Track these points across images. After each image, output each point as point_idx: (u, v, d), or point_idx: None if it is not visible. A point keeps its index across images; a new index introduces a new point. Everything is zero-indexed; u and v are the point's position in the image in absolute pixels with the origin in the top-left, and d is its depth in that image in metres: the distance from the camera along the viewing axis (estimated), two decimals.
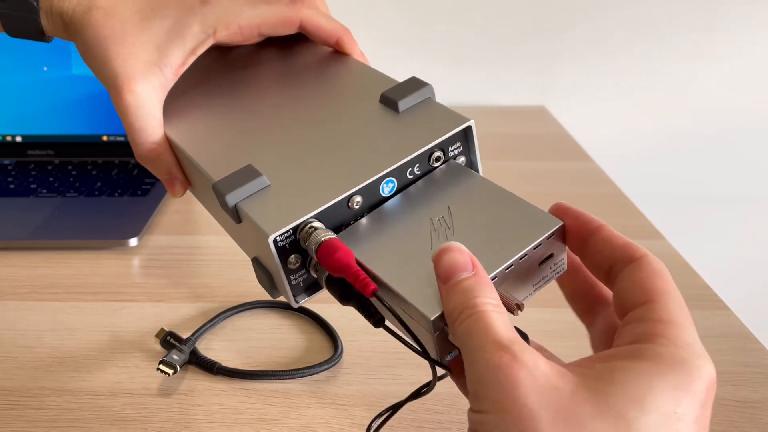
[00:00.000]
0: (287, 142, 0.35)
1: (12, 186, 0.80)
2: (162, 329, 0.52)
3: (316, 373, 0.49)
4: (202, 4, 0.38)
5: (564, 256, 0.31)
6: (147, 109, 0.37)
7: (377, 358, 0.51)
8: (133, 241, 0.67)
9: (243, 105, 0.40)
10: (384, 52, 1.09)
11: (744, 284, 1.22)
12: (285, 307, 0.57)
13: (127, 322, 0.56)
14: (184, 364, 0.50)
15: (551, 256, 0.30)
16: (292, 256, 0.31)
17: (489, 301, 0.25)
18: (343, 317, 0.55)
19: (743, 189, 1.19)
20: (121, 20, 0.37)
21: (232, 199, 0.31)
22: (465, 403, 0.29)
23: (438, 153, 0.33)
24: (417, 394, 0.30)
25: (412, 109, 0.35)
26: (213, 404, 0.47)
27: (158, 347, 0.52)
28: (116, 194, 0.78)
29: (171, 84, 0.38)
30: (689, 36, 1.09)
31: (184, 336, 0.52)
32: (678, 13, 1.07)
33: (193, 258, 0.66)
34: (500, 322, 0.24)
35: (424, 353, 0.28)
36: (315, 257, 0.29)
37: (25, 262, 0.65)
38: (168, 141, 0.39)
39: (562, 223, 0.29)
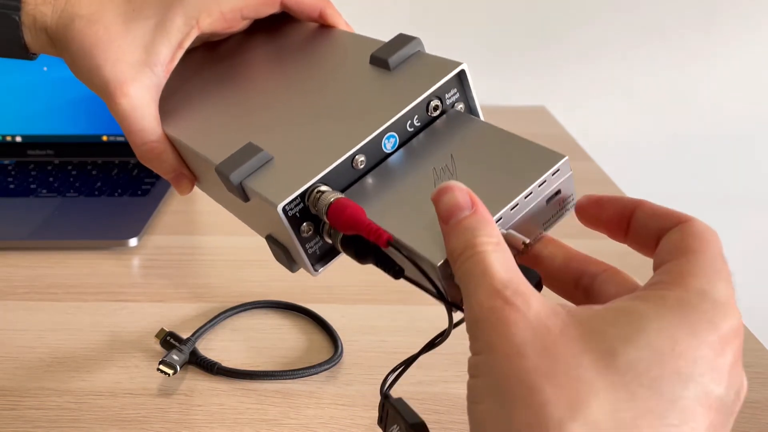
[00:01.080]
0: (284, 115, 0.35)
1: (12, 186, 0.80)
2: (162, 329, 0.52)
3: (316, 373, 0.49)
4: None
5: (572, 192, 0.30)
6: (143, 110, 0.37)
7: (377, 358, 0.51)
8: (133, 241, 0.67)
9: (236, 90, 0.40)
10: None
11: (744, 284, 1.22)
12: (285, 308, 0.57)
13: (127, 322, 0.56)
14: (184, 365, 0.50)
15: (558, 192, 0.29)
16: (304, 224, 0.31)
17: (489, 240, 0.25)
18: (343, 317, 0.55)
19: (743, 189, 1.19)
20: (105, 26, 0.37)
21: (236, 177, 0.32)
22: (465, 403, 0.29)
23: (435, 102, 0.33)
24: (431, 345, 0.29)
25: (404, 64, 0.34)
26: (213, 404, 0.47)
27: (158, 347, 0.52)
28: (116, 194, 0.77)
29: (163, 82, 0.38)
30: (689, 37, 1.09)
31: (184, 336, 0.52)
32: (678, 14, 1.07)
33: (193, 258, 0.66)
34: (499, 263, 0.24)
35: (442, 297, 0.28)
36: (326, 219, 0.29)
37: (25, 262, 0.65)
38: (167, 138, 0.39)
39: (566, 157, 0.29)
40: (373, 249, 0.29)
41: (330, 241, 0.31)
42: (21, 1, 0.37)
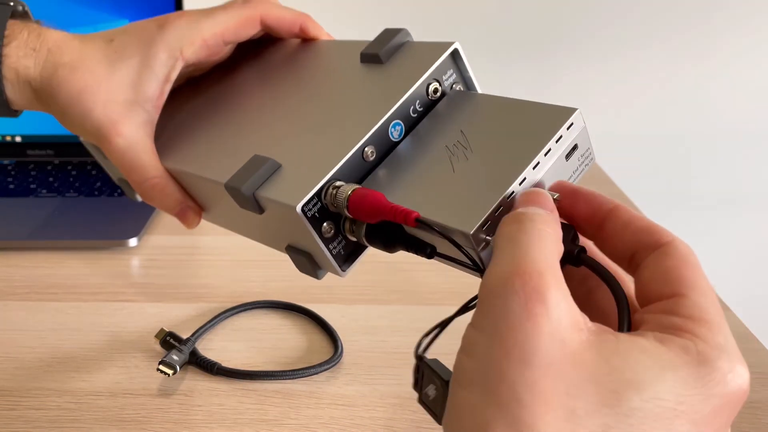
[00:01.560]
0: (285, 125, 0.35)
1: (12, 186, 0.80)
2: (162, 329, 0.52)
3: (316, 373, 0.49)
4: (160, 30, 0.38)
5: (590, 145, 0.30)
6: (139, 147, 0.37)
7: (377, 358, 0.51)
8: (133, 241, 0.67)
9: (229, 112, 0.39)
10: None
11: (744, 284, 1.22)
12: (285, 308, 0.57)
13: (127, 322, 0.56)
14: (184, 365, 0.50)
15: (576, 147, 0.29)
16: (325, 224, 0.30)
17: (546, 221, 0.23)
18: (343, 317, 0.55)
19: (743, 189, 1.19)
20: (89, 71, 0.37)
21: (248, 189, 0.31)
22: None
23: (434, 84, 0.33)
24: (465, 308, 0.28)
25: (396, 55, 0.35)
26: (213, 404, 0.46)
27: (158, 347, 0.52)
28: (116, 194, 0.77)
29: (155, 118, 0.38)
30: (689, 37, 1.09)
31: (184, 336, 0.52)
32: (678, 14, 1.07)
33: (193, 258, 0.66)
34: (549, 245, 0.22)
35: (478, 267, 0.27)
36: (348, 213, 0.29)
37: (25, 262, 0.65)
38: (168, 172, 0.39)
39: (577, 109, 0.28)
40: (400, 234, 0.29)
41: (354, 238, 0.31)
42: (2, 54, 0.36)
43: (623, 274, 0.27)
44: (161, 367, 0.48)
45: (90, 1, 0.80)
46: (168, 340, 0.51)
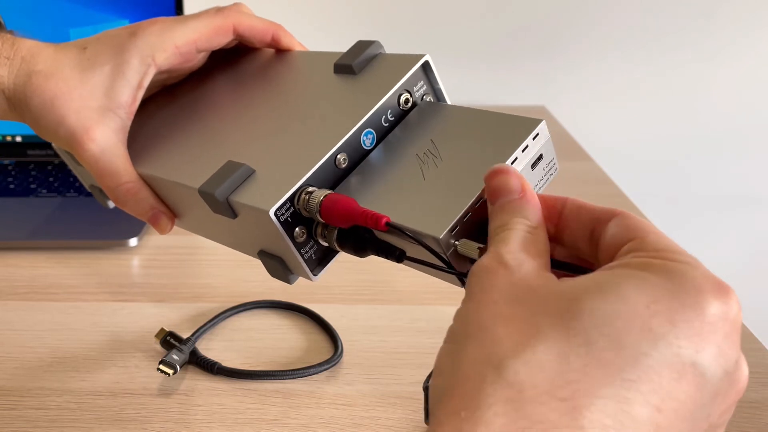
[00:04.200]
0: (259, 132, 0.36)
1: (12, 186, 0.80)
2: (162, 329, 0.52)
3: (316, 373, 0.49)
4: (132, 37, 0.38)
5: (553, 156, 0.31)
6: (112, 152, 0.37)
7: (377, 358, 0.51)
8: (133, 241, 0.67)
9: (203, 119, 0.40)
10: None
11: (744, 284, 1.22)
12: (285, 308, 0.57)
13: (127, 322, 0.56)
14: (184, 364, 0.50)
15: (541, 157, 0.30)
16: (297, 228, 0.31)
17: (525, 222, 0.25)
18: (343, 317, 0.55)
19: (743, 189, 1.19)
20: (63, 78, 0.37)
21: (221, 194, 0.32)
22: None
23: (405, 95, 0.34)
24: None
25: (368, 66, 0.36)
26: (213, 404, 0.47)
27: (158, 347, 0.52)
28: None
29: (128, 124, 0.39)
30: (690, 37, 1.09)
31: (184, 336, 0.52)
32: (679, 14, 1.07)
33: (193, 258, 0.66)
34: (519, 239, 0.24)
35: (451, 269, 0.28)
36: (320, 217, 0.29)
37: (25, 262, 0.65)
38: (141, 178, 0.39)
39: (542, 120, 0.30)
40: (370, 239, 0.29)
41: (325, 243, 0.31)
42: None
43: None
44: (161, 366, 0.48)
45: (90, 1, 0.80)
46: (168, 340, 0.51)
